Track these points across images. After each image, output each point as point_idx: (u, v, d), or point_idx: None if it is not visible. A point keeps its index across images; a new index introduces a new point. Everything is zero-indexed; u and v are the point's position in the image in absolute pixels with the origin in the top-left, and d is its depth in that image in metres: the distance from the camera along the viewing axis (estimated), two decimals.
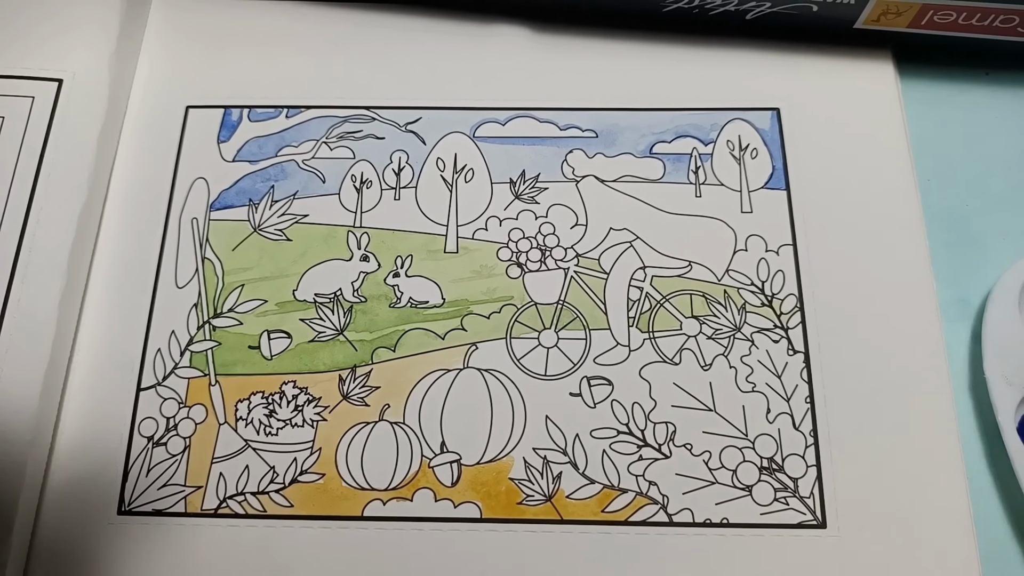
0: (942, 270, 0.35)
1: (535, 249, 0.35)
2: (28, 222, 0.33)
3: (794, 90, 0.38)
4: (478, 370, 0.33)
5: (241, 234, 0.36)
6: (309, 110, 0.38)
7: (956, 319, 0.34)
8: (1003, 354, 0.32)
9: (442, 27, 0.39)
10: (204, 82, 0.38)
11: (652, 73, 0.38)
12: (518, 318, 0.34)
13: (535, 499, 0.31)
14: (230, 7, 0.40)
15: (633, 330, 0.34)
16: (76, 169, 0.34)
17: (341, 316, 0.34)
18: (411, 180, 0.37)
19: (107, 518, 0.31)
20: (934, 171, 0.37)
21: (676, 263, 0.35)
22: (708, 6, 0.37)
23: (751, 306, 0.34)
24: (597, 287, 0.35)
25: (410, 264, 0.35)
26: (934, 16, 0.36)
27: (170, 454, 0.32)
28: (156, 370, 0.33)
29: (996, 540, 0.31)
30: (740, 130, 0.37)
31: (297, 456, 0.32)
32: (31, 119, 0.35)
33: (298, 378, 0.33)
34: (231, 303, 0.34)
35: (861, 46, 0.38)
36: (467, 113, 0.38)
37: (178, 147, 0.37)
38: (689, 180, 0.36)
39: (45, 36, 0.37)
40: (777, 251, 0.35)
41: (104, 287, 0.34)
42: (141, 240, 0.35)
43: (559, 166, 0.37)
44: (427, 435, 0.32)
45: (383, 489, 0.31)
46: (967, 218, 0.36)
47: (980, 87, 0.39)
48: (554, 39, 0.39)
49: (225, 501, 0.31)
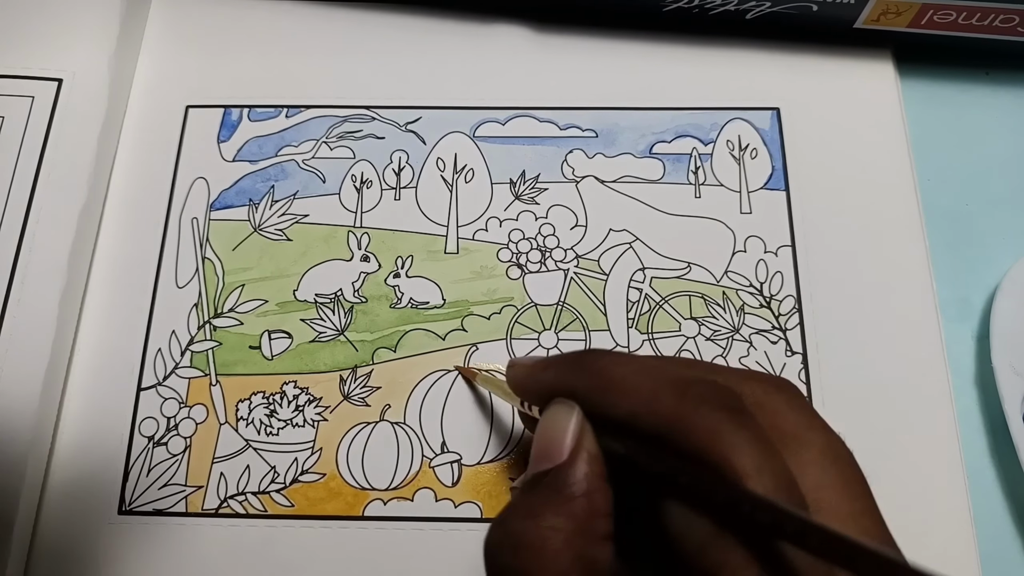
0: (942, 270, 0.35)
1: (535, 250, 0.35)
2: (28, 222, 0.33)
3: (794, 90, 0.38)
4: (478, 370, 0.33)
5: (241, 234, 0.36)
6: (309, 110, 0.38)
7: (956, 319, 0.34)
8: (1011, 344, 0.32)
9: (442, 27, 0.39)
10: (204, 82, 0.38)
11: (652, 73, 0.38)
12: (518, 319, 0.34)
13: None
14: (230, 7, 0.40)
15: (632, 331, 0.34)
16: (76, 169, 0.34)
17: (342, 316, 0.34)
18: (411, 180, 0.37)
19: (107, 518, 0.31)
20: (934, 171, 0.37)
21: (675, 264, 0.35)
22: (708, 6, 0.37)
23: (749, 307, 0.34)
24: (597, 288, 0.35)
25: (410, 265, 0.35)
26: (934, 16, 0.36)
27: (171, 454, 0.32)
28: (156, 370, 0.33)
29: (998, 539, 0.31)
30: (740, 130, 0.37)
31: (298, 456, 0.32)
32: (31, 119, 0.35)
33: (299, 378, 0.33)
34: (232, 303, 0.34)
35: (861, 46, 0.38)
36: (467, 113, 0.38)
37: (178, 147, 0.37)
38: (689, 181, 0.36)
39: (45, 36, 0.36)
40: (776, 252, 0.35)
41: (104, 287, 0.34)
42: (141, 240, 0.35)
43: (559, 166, 0.37)
44: (428, 435, 0.32)
45: (384, 489, 0.32)
46: (967, 218, 0.36)
47: (980, 87, 0.39)
48: (554, 39, 0.39)
49: (226, 501, 0.31)
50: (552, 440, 0.21)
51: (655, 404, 0.20)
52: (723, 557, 0.17)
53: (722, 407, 0.19)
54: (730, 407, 0.19)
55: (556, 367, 0.23)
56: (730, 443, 0.18)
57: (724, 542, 0.18)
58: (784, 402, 0.21)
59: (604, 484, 0.20)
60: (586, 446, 0.21)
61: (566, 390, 0.22)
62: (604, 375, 0.21)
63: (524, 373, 0.24)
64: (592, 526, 0.20)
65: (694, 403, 0.19)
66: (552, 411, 0.22)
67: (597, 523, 0.20)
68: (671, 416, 0.19)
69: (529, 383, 0.24)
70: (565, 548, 0.19)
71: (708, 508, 0.18)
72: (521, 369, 0.24)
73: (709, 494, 0.18)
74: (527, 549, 0.19)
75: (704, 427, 0.19)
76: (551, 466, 0.20)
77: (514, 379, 0.25)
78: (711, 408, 0.19)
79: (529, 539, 0.19)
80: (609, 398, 0.21)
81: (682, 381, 0.20)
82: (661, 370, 0.21)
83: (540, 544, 0.19)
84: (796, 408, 0.21)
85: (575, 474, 0.20)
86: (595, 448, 0.21)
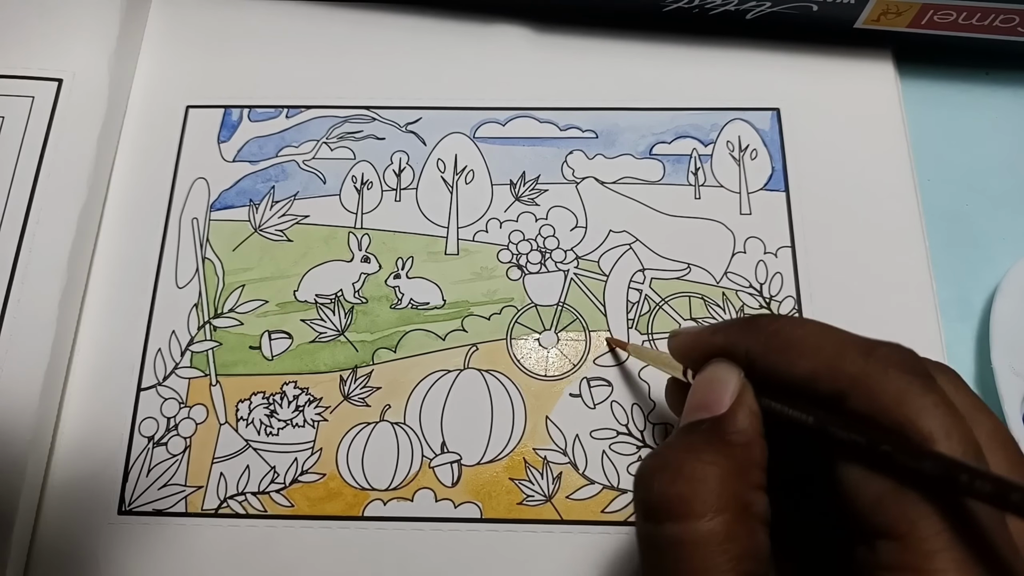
0: (942, 270, 0.35)
1: (535, 251, 0.35)
2: (28, 222, 0.33)
3: (794, 90, 0.38)
4: (478, 371, 0.33)
5: (242, 234, 0.36)
6: (309, 110, 0.38)
7: (956, 319, 0.34)
8: (1011, 344, 0.32)
9: (442, 27, 0.39)
10: (204, 82, 0.38)
11: (652, 73, 0.38)
12: (518, 319, 0.34)
13: (535, 499, 0.31)
14: (230, 7, 0.40)
15: (632, 332, 0.34)
16: (76, 169, 0.34)
17: (342, 317, 0.34)
18: (412, 181, 0.37)
19: (107, 518, 0.31)
20: (934, 171, 0.37)
21: (675, 265, 0.35)
22: (708, 6, 0.37)
23: (749, 308, 0.34)
24: (597, 289, 0.35)
25: (411, 265, 0.35)
26: (934, 16, 0.36)
27: (171, 454, 0.32)
28: (156, 370, 0.33)
29: None
30: (740, 130, 0.37)
31: (298, 456, 0.32)
32: (31, 119, 0.35)
33: (299, 378, 0.33)
34: (232, 303, 0.34)
35: (861, 46, 0.38)
36: (467, 113, 0.38)
37: (178, 147, 0.37)
38: (688, 182, 0.36)
39: (45, 36, 0.36)
40: (776, 253, 0.35)
41: (104, 287, 0.34)
42: (141, 240, 0.35)
43: (559, 167, 0.37)
44: (428, 435, 0.32)
45: (384, 489, 0.32)
46: (967, 218, 0.36)
47: (980, 87, 0.39)
48: (554, 39, 0.39)
49: (226, 501, 0.31)
50: (712, 392, 0.21)
51: (839, 363, 0.20)
52: (901, 510, 0.18)
53: (910, 370, 0.19)
54: (917, 371, 0.19)
55: (726, 330, 0.23)
56: (919, 406, 0.18)
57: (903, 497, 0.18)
58: (950, 382, 0.21)
59: (761, 439, 0.21)
60: (747, 401, 0.21)
61: (740, 351, 0.22)
62: (782, 335, 0.21)
63: (691, 338, 0.24)
64: (749, 473, 0.20)
65: (882, 364, 0.19)
66: (712, 368, 0.22)
67: (753, 472, 0.20)
68: (856, 375, 0.19)
69: (697, 348, 0.24)
70: (722, 484, 0.19)
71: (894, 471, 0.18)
72: (687, 336, 0.24)
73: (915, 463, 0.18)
74: (685, 478, 0.19)
75: (892, 389, 0.19)
76: (709, 416, 0.21)
77: (680, 345, 0.25)
78: (899, 371, 0.19)
79: (688, 469, 0.20)
80: (788, 357, 0.21)
81: (867, 343, 0.20)
82: (840, 333, 0.21)
83: (698, 475, 0.19)
84: (962, 391, 0.21)
85: (736, 424, 0.20)
86: (755, 405, 0.21)
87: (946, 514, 0.17)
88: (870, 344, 0.20)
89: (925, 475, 0.17)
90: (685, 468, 0.20)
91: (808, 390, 0.20)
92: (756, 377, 0.21)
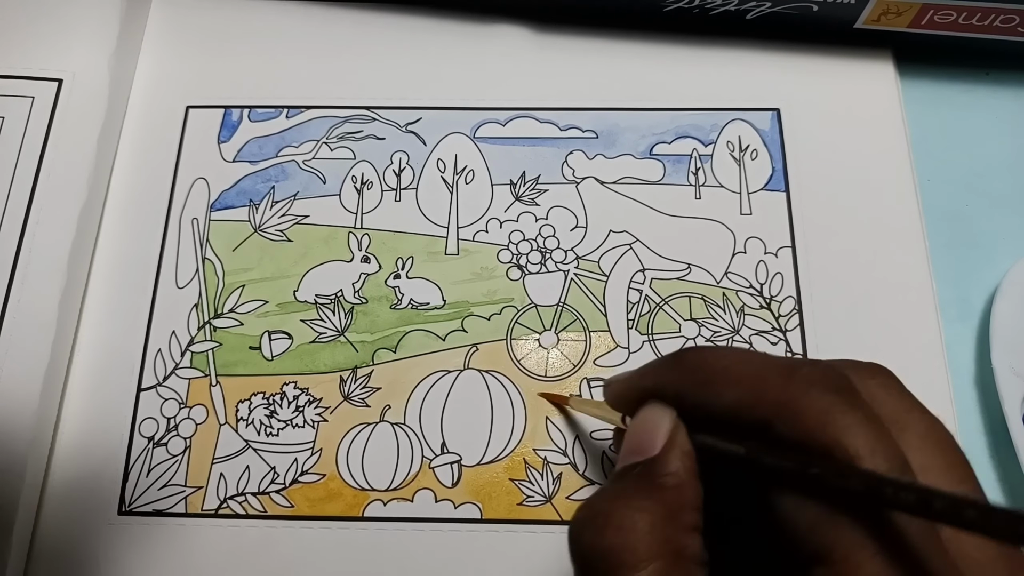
0: (942, 270, 0.35)
1: (535, 251, 0.35)
2: (28, 222, 0.33)
3: (794, 90, 0.38)
4: (479, 371, 0.33)
5: (242, 234, 0.36)
6: (309, 110, 0.38)
7: (956, 319, 0.34)
8: (1011, 344, 0.32)
9: (442, 27, 0.39)
10: (204, 82, 0.38)
11: (652, 73, 0.38)
12: (518, 320, 0.34)
13: (535, 500, 0.31)
14: (230, 7, 0.40)
15: (632, 332, 0.34)
16: (76, 169, 0.34)
17: (342, 317, 0.34)
18: (412, 181, 0.37)
19: (107, 518, 0.31)
20: (934, 171, 0.37)
21: (675, 265, 0.35)
22: (708, 6, 0.37)
23: (749, 308, 0.34)
24: (597, 289, 0.35)
25: (411, 266, 0.35)
26: (934, 16, 0.36)
27: (171, 454, 0.32)
28: (156, 370, 0.33)
29: None
30: (740, 131, 0.37)
31: (298, 457, 0.32)
32: (31, 119, 0.35)
33: (299, 379, 0.33)
34: (232, 304, 0.34)
35: (861, 46, 0.38)
36: (467, 113, 0.38)
37: (178, 147, 0.37)
38: (689, 182, 0.36)
39: (45, 36, 0.36)
40: (776, 253, 0.35)
41: (104, 287, 0.34)
42: (141, 240, 0.35)
43: (559, 167, 0.37)
44: (428, 436, 0.32)
45: (384, 490, 0.32)
46: (967, 218, 0.36)
47: (980, 87, 0.39)
48: (554, 39, 0.39)
49: (226, 501, 0.31)
50: (645, 435, 0.21)
51: (762, 390, 0.19)
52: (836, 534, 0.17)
53: (832, 389, 0.19)
54: (840, 388, 0.19)
55: (654, 371, 0.23)
56: (842, 425, 0.18)
57: (837, 520, 0.18)
58: (881, 387, 0.21)
59: (695, 480, 0.20)
60: (679, 442, 0.21)
61: (670, 391, 0.22)
62: (706, 368, 0.21)
63: (623, 385, 0.24)
64: (681, 516, 0.20)
65: (803, 386, 0.19)
66: (644, 411, 0.22)
67: (686, 514, 0.20)
68: (779, 400, 0.19)
69: (630, 394, 0.23)
70: (652, 530, 0.19)
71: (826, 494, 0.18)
72: (618, 384, 0.24)
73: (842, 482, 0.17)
74: (615, 528, 0.19)
75: (815, 409, 0.18)
76: (641, 459, 0.21)
77: (614, 393, 0.25)
78: (821, 390, 0.19)
79: (617, 518, 0.19)
80: (713, 389, 0.20)
81: (788, 366, 0.20)
82: (762, 358, 0.20)
83: (628, 524, 0.19)
84: (894, 392, 0.21)
85: (667, 466, 0.20)
86: (687, 445, 0.21)
87: (879, 534, 0.17)
88: (791, 366, 0.20)
89: (853, 494, 0.17)
90: (614, 517, 0.19)
91: (737, 420, 0.20)
92: (688, 414, 0.21)
